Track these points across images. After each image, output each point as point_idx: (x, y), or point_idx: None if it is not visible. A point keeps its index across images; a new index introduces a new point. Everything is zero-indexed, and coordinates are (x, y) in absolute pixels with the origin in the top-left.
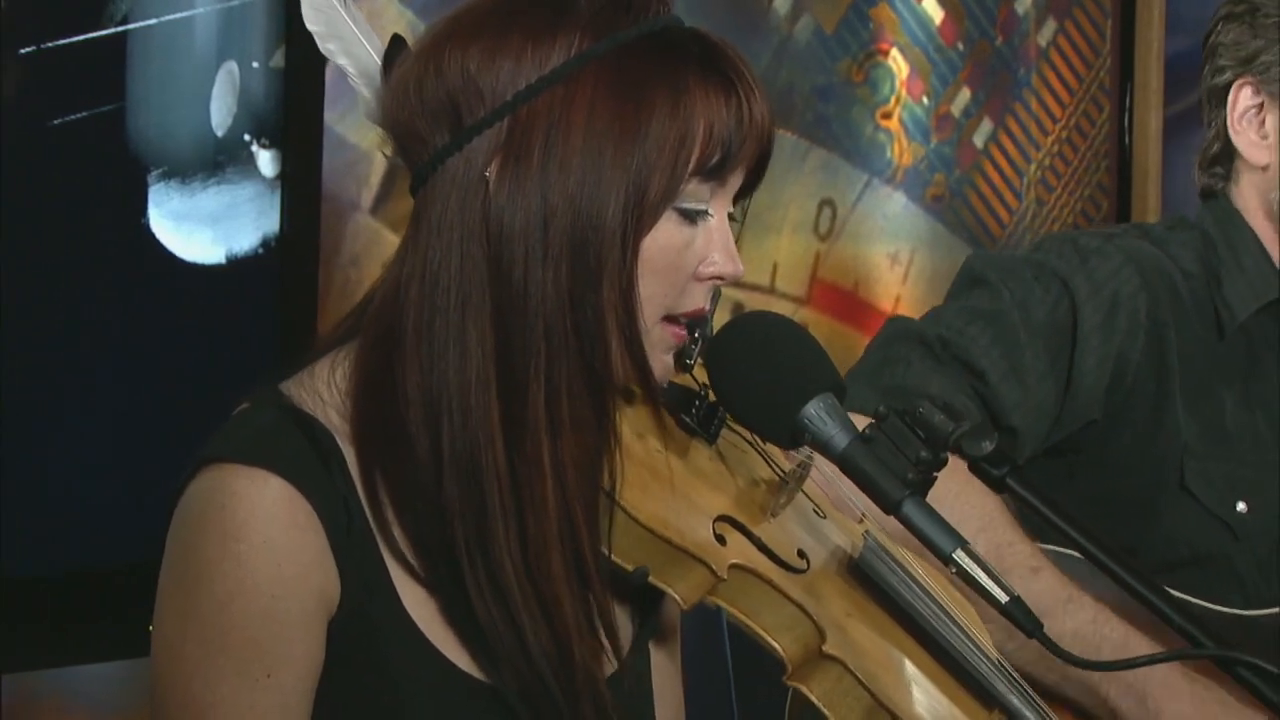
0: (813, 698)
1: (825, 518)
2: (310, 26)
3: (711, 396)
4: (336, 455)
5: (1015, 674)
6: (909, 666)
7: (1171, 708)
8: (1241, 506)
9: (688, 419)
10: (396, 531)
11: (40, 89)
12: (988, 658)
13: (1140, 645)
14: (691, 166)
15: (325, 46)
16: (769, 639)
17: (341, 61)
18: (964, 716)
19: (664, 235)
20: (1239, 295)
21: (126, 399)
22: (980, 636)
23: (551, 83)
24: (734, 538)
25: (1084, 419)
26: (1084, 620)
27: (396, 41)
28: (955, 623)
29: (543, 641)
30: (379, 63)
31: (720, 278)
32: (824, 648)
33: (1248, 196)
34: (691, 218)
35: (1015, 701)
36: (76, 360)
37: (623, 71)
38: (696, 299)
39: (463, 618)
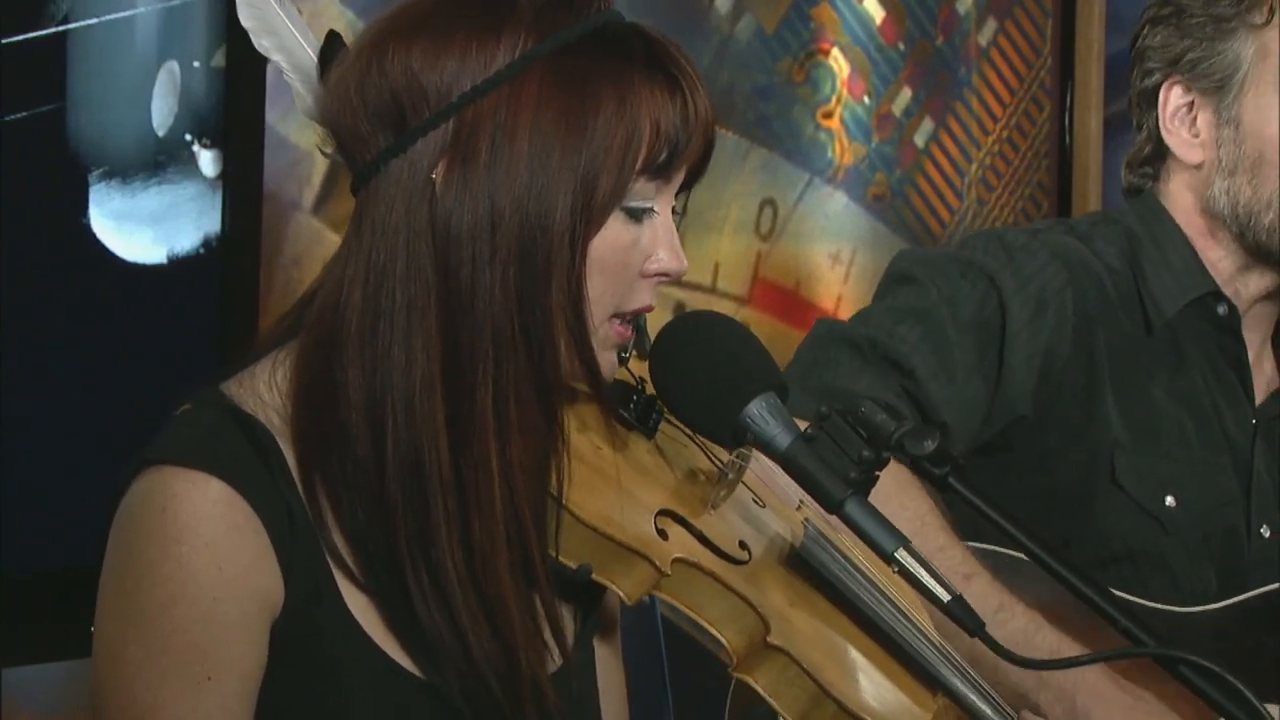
0: (759, 689)
1: (765, 507)
2: (244, 22)
3: (648, 390)
4: (277, 456)
5: (958, 657)
6: (853, 654)
7: (1101, 713)
8: (1170, 500)
9: (625, 414)
10: (338, 533)
11: None
12: (931, 642)
13: (1072, 652)
14: (639, 166)
15: (260, 42)
16: (714, 631)
17: (276, 58)
18: (909, 701)
19: (611, 235)
20: (1166, 291)
21: (66, 398)
22: (922, 620)
23: (497, 83)
24: (676, 532)
25: (1013, 415)
26: (1015, 629)
27: (333, 38)
28: (897, 608)
29: (485, 644)
30: (314, 59)
31: (665, 274)
32: (768, 638)
33: (1178, 195)
34: (638, 216)
35: (959, 684)
36: (16, 360)
37: (568, 71)
38: (642, 297)
39: (405, 618)
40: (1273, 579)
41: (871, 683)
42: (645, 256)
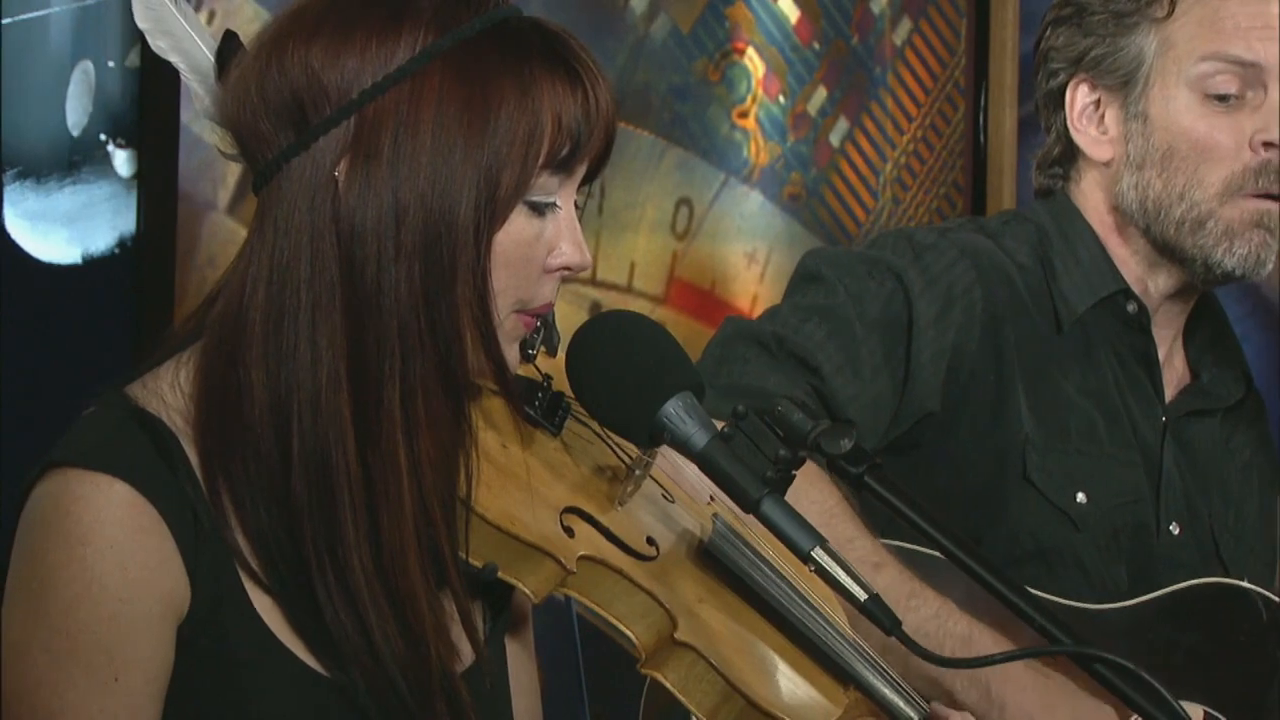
0: (668, 685)
1: (674, 502)
2: (140, 24)
3: (554, 387)
4: (181, 458)
5: (869, 650)
6: (762, 649)
7: (1015, 699)
8: (1081, 497)
9: (531, 411)
10: (242, 533)
11: None
12: (842, 635)
13: (983, 639)
14: (542, 160)
15: (155, 44)
16: (622, 628)
17: (173, 59)
18: (819, 695)
19: (515, 229)
20: (1075, 289)
21: None
22: (833, 613)
23: (398, 80)
24: (582, 529)
25: (921, 412)
26: (927, 615)
27: (230, 38)
28: (808, 602)
29: (392, 641)
30: (212, 59)
31: (569, 268)
32: (676, 635)
33: (1089, 194)
34: (540, 210)
35: (870, 677)
36: None
37: (468, 66)
38: (545, 293)
39: (312, 618)
40: (1182, 576)
41: (781, 678)
42: (549, 250)
